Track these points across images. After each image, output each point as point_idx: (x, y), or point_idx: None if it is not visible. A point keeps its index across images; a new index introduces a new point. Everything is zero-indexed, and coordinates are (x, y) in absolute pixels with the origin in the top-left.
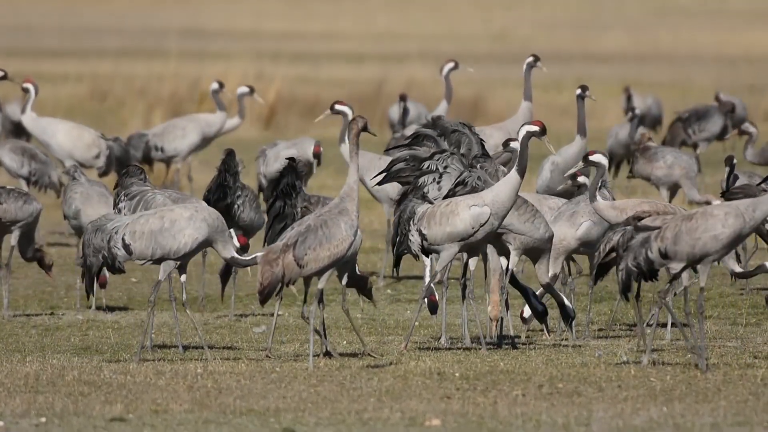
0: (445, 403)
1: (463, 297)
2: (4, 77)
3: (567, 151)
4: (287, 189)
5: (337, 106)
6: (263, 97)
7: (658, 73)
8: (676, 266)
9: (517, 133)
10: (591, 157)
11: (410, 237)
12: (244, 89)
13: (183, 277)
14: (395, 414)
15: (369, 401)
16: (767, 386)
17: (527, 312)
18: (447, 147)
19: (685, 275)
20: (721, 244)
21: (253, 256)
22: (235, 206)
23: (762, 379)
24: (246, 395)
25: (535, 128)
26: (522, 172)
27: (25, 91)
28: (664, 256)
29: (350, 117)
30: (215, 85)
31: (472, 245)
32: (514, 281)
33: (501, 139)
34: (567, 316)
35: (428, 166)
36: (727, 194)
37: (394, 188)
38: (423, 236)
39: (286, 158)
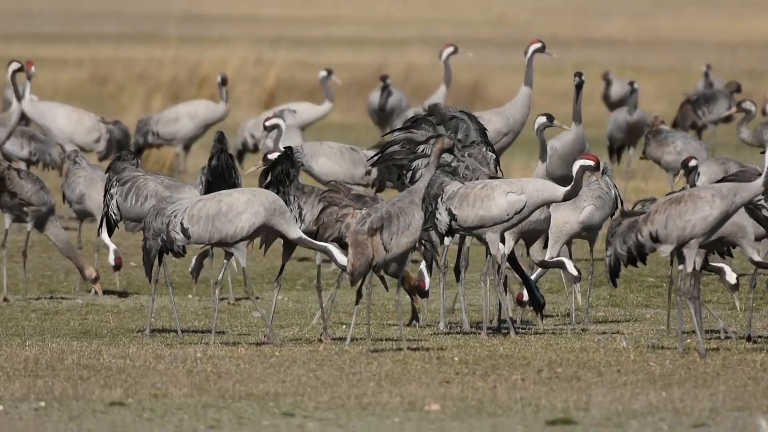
0: (445, 387)
1: (458, 281)
2: (21, 69)
3: (564, 138)
4: (281, 176)
5: (269, 156)
6: (262, 82)
7: (658, 59)
8: (665, 249)
9: (572, 168)
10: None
11: (437, 215)
12: (323, 73)
13: (230, 260)
14: (394, 398)
15: (368, 385)
16: (766, 371)
17: (525, 296)
18: (444, 132)
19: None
20: (709, 225)
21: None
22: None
23: (761, 363)
24: (245, 379)
25: (590, 163)
26: (569, 197)
27: (28, 78)
28: (655, 239)
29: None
30: (324, 73)
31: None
32: (516, 267)
33: (500, 124)
34: (537, 302)
35: (423, 150)
36: (722, 181)
37: (343, 173)
38: (452, 216)
39: (283, 147)
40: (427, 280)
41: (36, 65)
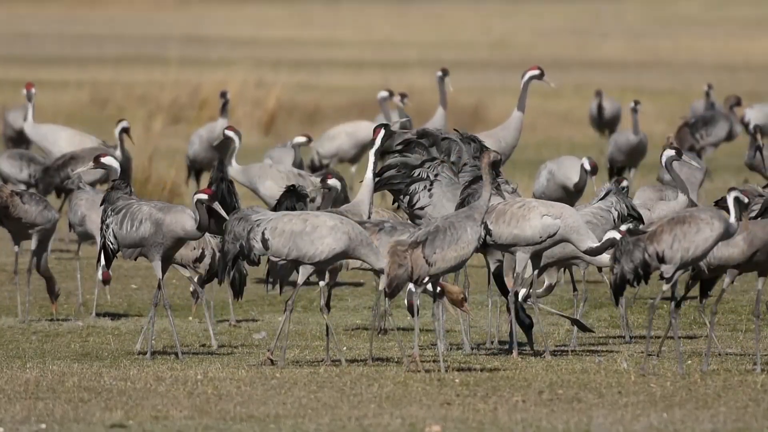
0: (446, 409)
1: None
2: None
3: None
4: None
5: (103, 159)
6: (263, 104)
7: (658, 81)
8: (668, 270)
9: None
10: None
11: None
12: (384, 93)
13: (321, 283)
14: (395, 420)
15: (369, 407)
16: (767, 392)
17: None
18: (437, 155)
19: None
20: (708, 247)
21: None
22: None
23: (762, 385)
24: (246, 401)
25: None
26: (589, 253)
27: (28, 99)
28: (661, 259)
29: (116, 172)
30: (384, 93)
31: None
32: (501, 285)
33: (492, 146)
34: (522, 323)
35: (419, 174)
36: (719, 202)
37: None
38: (488, 231)
39: (287, 185)
40: (415, 298)
41: (36, 88)
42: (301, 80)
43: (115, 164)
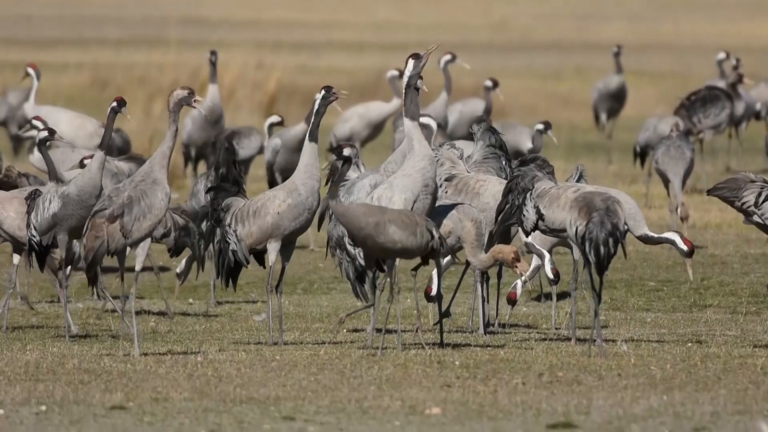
0: (446, 391)
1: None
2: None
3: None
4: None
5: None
6: (263, 86)
7: (659, 63)
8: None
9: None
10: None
11: (525, 211)
12: (394, 72)
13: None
14: (395, 402)
15: (369, 389)
16: (767, 375)
17: (519, 289)
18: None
19: None
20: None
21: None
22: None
23: (762, 368)
24: (246, 383)
25: (685, 249)
26: (643, 240)
27: (28, 75)
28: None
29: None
30: (394, 72)
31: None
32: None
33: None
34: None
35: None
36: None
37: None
38: (540, 215)
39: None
40: (435, 285)
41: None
42: (301, 62)
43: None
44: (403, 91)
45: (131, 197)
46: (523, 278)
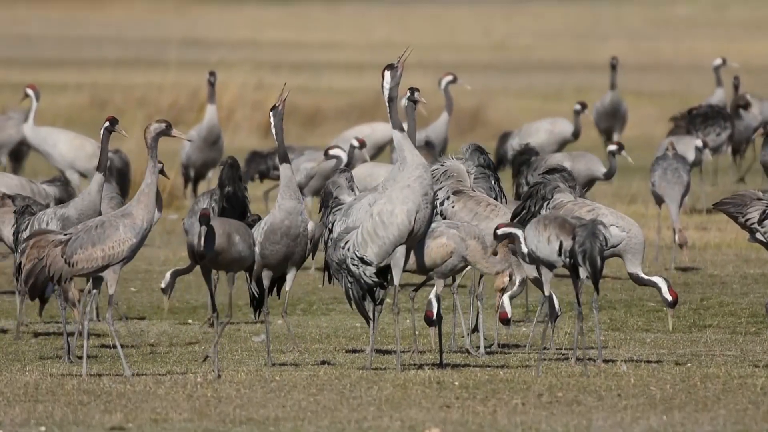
0: (445, 412)
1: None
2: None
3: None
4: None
5: None
6: (262, 107)
7: (658, 82)
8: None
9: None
10: None
11: None
12: (449, 78)
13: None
14: (395, 423)
15: (368, 410)
16: (767, 395)
17: (508, 308)
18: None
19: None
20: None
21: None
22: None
23: (761, 388)
24: (246, 404)
25: (670, 300)
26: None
27: (27, 96)
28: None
29: None
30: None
31: None
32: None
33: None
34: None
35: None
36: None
37: None
38: None
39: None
40: (435, 308)
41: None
42: (301, 83)
43: None
44: (387, 104)
45: (86, 225)
46: (509, 293)
